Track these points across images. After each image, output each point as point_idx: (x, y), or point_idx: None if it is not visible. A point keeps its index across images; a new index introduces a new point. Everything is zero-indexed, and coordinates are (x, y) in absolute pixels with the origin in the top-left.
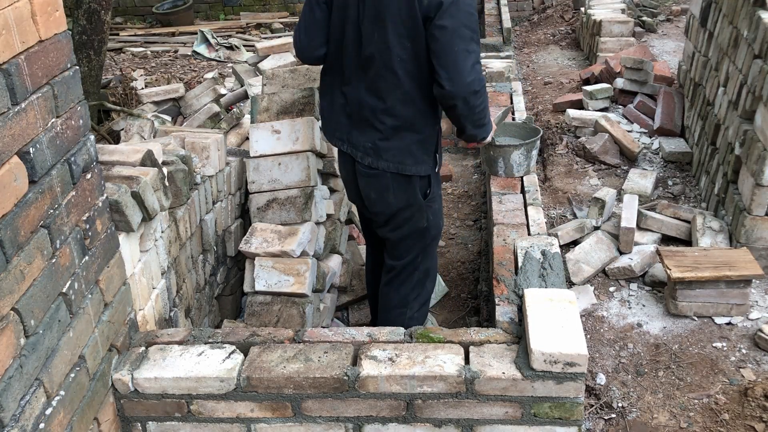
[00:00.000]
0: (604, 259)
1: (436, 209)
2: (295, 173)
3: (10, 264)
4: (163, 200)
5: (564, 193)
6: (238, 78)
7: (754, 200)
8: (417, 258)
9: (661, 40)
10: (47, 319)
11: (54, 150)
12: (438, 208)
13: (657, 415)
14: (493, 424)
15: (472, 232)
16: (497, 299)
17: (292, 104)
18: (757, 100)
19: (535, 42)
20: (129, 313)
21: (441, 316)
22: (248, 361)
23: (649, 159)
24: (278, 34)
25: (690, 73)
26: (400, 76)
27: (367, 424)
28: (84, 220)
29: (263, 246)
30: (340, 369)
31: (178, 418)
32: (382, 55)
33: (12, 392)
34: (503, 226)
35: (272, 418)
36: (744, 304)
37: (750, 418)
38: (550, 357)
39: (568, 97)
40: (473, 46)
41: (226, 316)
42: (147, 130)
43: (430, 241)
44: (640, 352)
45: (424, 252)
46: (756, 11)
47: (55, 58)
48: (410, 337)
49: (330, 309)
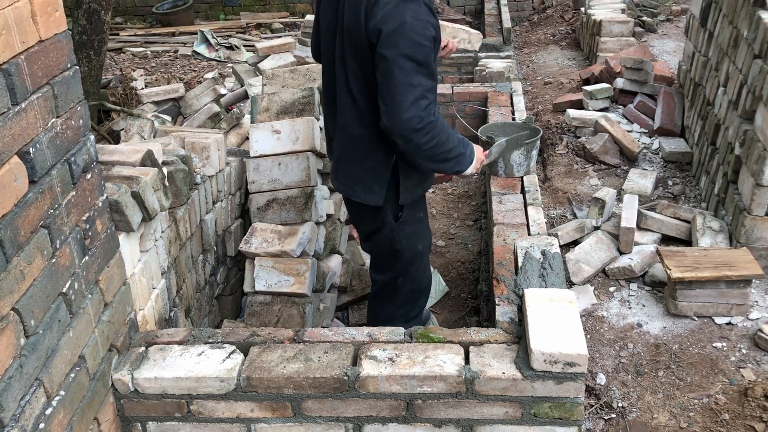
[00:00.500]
0: (604, 259)
1: (411, 233)
2: (295, 173)
3: (10, 264)
4: (163, 200)
5: (564, 193)
6: (238, 78)
7: (754, 200)
8: (398, 278)
9: (661, 40)
10: (47, 319)
11: (54, 150)
12: (413, 232)
13: (657, 415)
14: (493, 424)
15: (472, 232)
16: (497, 299)
17: (292, 104)
18: (757, 100)
19: (535, 42)
20: (129, 313)
21: (441, 316)
22: (248, 361)
23: (649, 159)
24: (278, 34)
25: (690, 73)
26: (355, 94)
27: (367, 424)
28: (84, 220)
29: (263, 246)
30: (340, 369)
31: (178, 418)
32: (343, 68)
33: (12, 392)
34: (503, 226)
35: (272, 418)
36: (744, 304)
37: (750, 418)
38: (550, 357)
39: (568, 97)
40: (418, 79)
41: (226, 316)
42: (147, 130)
43: (406, 264)
44: (640, 352)
45: (405, 273)
46: (756, 11)
47: (55, 58)
48: (410, 337)
49: (330, 309)
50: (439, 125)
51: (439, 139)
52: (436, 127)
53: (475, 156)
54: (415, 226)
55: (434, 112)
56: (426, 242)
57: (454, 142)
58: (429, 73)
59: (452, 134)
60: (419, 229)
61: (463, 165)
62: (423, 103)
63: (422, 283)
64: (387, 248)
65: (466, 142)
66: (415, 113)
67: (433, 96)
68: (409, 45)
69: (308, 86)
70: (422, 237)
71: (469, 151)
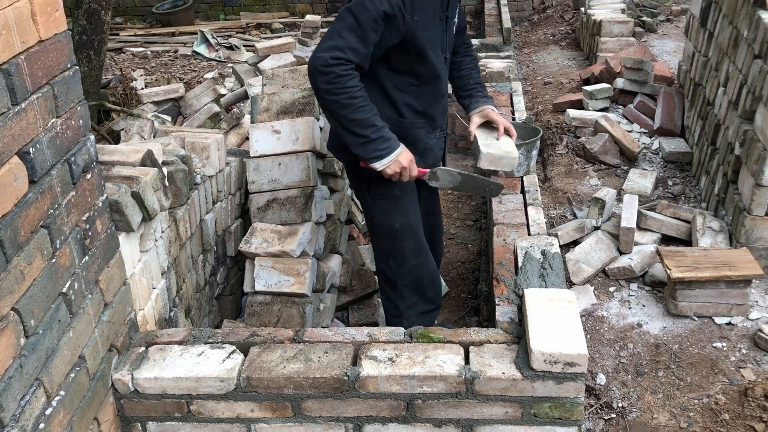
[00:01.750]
0: (604, 259)
1: (385, 209)
2: (295, 173)
3: (10, 264)
4: (163, 200)
5: (564, 193)
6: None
7: (754, 200)
8: (389, 262)
9: (661, 40)
10: (47, 319)
11: (54, 150)
12: (387, 207)
13: (657, 415)
14: (493, 424)
15: (472, 232)
16: (497, 299)
17: (292, 104)
18: (757, 100)
19: (535, 42)
20: (129, 313)
21: (441, 316)
22: (248, 361)
23: (649, 159)
24: (278, 34)
25: (690, 73)
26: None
27: (367, 424)
28: (84, 220)
29: (263, 246)
30: (340, 369)
31: (178, 418)
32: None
33: (12, 392)
34: (503, 226)
35: (272, 418)
36: (744, 304)
37: (750, 418)
38: (550, 357)
39: (568, 97)
40: (347, 34)
41: (226, 316)
42: (147, 130)
43: (388, 244)
44: (640, 352)
45: (394, 258)
46: (756, 11)
47: (55, 58)
48: (410, 337)
49: (330, 309)
50: (346, 85)
51: (341, 99)
52: (340, 83)
53: (394, 156)
54: (389, 202)
55: (347, 72)
56: (406, 222)
57: (362, 120)
58: (361, 37)
59: (365, 113)
60: (395, 206)
61: (367, 153)
62: (338, 54)
63: (418, 270)
64: (369, 224)
65: (384, 135)
66: (325, 57)
67: (354, 57)
68: (358, 3)
69: (308, 86)
70: (399, 215)
71: (385, 145)
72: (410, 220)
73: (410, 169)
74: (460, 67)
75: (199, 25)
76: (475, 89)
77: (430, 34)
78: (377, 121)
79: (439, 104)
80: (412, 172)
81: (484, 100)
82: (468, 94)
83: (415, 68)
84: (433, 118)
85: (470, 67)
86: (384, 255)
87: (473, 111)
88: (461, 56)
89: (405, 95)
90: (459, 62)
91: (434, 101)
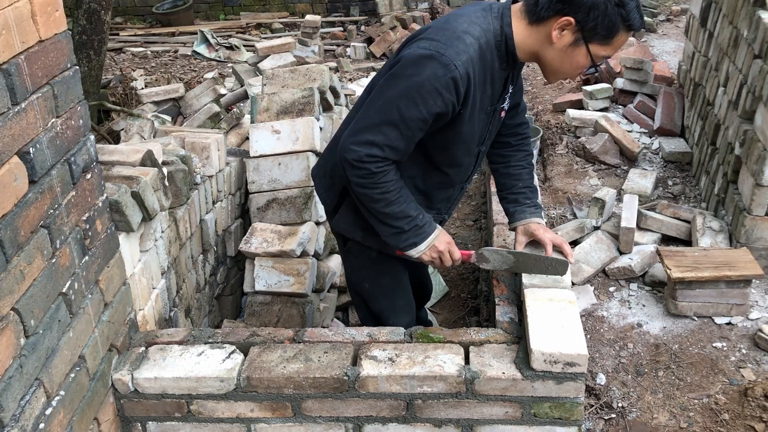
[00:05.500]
0: (604, 259)
1: (356, 267)
2: (295, 173)
3: (10, 264)
4: (163, 200)
5: (564, 193)
6: (238, 78)
7: (754, 200)
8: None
9: (661, 40)
10: (47, 319)
11: (54, 150)
12: (358, 266)
13: (657, 415)
14: (493, 424)
15: (472, 232)
16: (497, 299)
17: (292, 104)
18: (757, 100)
19: None
20: (129, 313)
21: (441, 316)
22: (248, 361)
23: (649, 159)
24: (278, 34)
25: (690, 73)
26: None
27: (367, 424)
28: (84, 220)
29: (263, 246)
30: (340, 369)
31: (178, 418)
32: None
33: (12, 392)
34: (503, 226)
35: (272, 418)
36: (744, 304)
37: (750, 418)
38: (550, 357)
39: (568, 97)
40: (387, 129)
41: (226, 316)
42: (147, 130)
43: (360, 301)
44: (640, 352)
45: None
46: (756, 11)
47: (55, 58)
48: (410, 337)
49: (330, 309)
50: (380, 181)
51: (373, 194)
52: (374, 179)
53: (429, 242)
54: (363, 261)
55: (383, 169)
56: (380, 290)
57: (395, 213)
58: (405, 136)
59: (399, 206)
60: (369, 271)
61: (400, 242)
62: (375, 152)
63: (383, 312)
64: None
65: (419, 223)
66: (360, 153)
67: (393, 155)
68: (407, 95)
69: (308, 86)
70: (371, 280)
71: (419, 232)
72: (388, 291)
73: (451, 253)
74: (509, 163)
75: (199, 25)
76: (523, 194)
77: (471, 129)
78: (411, 211)
79: (445, 191)
80: (453, 255)
81: (532, 211)
82: (514, 198)
83: (432, 154)
84: (432, 200)
85: (521, 166)
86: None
87: (517, 222)
88: (512, 149)
89: (412, 169)
90: (508, 157)
91: (441, 187)
